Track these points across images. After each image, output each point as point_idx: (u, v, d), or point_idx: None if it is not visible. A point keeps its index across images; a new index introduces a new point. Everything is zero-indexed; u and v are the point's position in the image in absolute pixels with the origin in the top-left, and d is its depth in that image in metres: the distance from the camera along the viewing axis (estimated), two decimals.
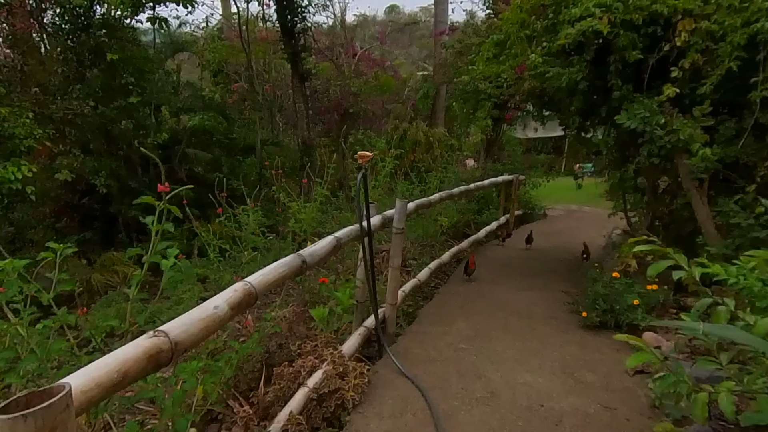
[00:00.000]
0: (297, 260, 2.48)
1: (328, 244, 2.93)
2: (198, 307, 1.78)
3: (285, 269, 2.35)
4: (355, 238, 3.43)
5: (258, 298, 2.09)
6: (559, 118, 7.18)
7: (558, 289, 5.71)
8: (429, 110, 16.01)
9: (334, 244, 2.99)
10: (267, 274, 2.19)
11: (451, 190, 6.40)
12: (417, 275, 5.40)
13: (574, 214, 11.53)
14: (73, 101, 7.92)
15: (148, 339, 1.48)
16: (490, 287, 5.78)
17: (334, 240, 3.03)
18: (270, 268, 2.27)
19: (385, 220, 4.01)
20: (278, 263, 2.36)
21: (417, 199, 6.09)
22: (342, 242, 3.14)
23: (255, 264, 4.71)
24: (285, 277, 2.35)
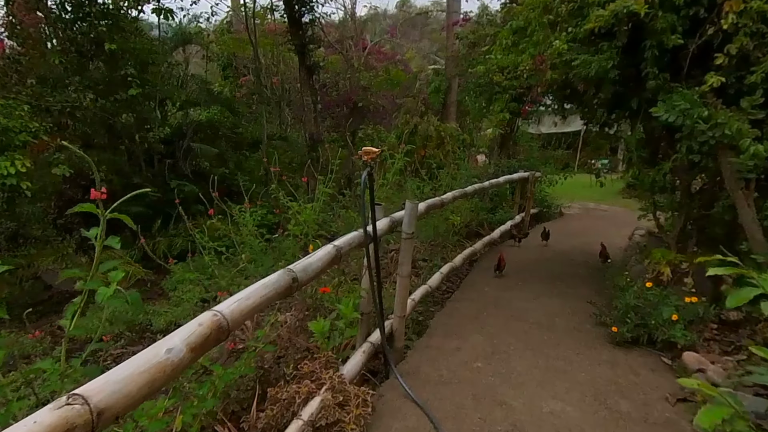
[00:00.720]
0: (285, 278, 2.04)
1: (326, 255, 2.49)
2: (143, 352, 1.35)
3: (270, 291, 1.91)
4: (359, 245, 2.98)
5: (233, 330, 1.66)
6: (580, 112, 6.66)
7: (580, 297, 5.22)
8: (440, 104, 15.47)
9: (332, 254, 2.55)
10: (245, 299, 1.75)
11: (465, 189, 5.93)
12: (428, 281, 4.94)
13: (592, 212, 10.98)
14: (71, 93, 7.55)
15: (55, 410, 1.04)
16: (506, 294, 5.31)
17: (333, 250, 2.58)
18: (250, 290, 1.83)
19: (393, 223, 3.57)
20: (261, 284, 1.92)
21: (428, 199, 5.65)
22: (342, 251, 2.70)
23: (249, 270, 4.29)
24: (270, 299, 1.92)
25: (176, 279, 6.53)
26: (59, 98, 7.39)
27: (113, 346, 5.70)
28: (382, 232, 3.36)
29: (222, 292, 4.58)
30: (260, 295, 1.84)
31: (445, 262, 6.62)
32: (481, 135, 16.70)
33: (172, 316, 6.20)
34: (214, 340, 1.54)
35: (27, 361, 5.29)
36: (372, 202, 3.09)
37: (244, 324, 3.69)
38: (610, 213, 10.99)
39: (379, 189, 4.37)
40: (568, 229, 8.96)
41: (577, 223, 9.51)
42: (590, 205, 11.89)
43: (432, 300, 5.21)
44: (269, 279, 1.97)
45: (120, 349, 5.60)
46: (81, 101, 7.46)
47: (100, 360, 5.49)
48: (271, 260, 4.49)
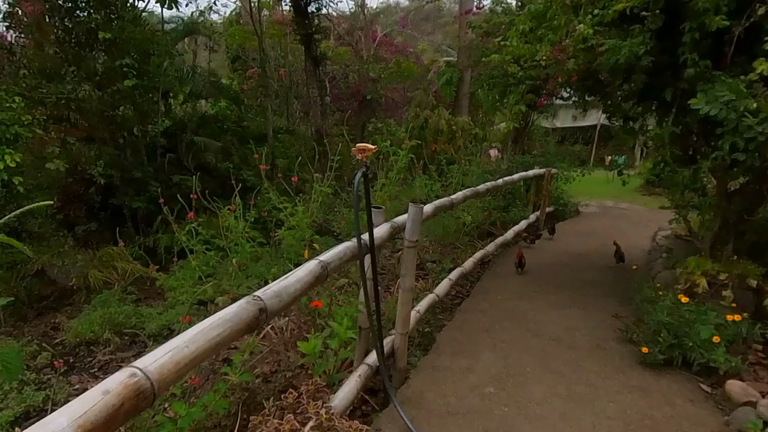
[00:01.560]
0: (249, 310, 1.60)
1: (307, 274, 2.05)
2: None
3: (224, 330, 1.47)
4: (351, 257, 2.53)
5: (161, 394, 1.22)
6: (602, 105, 6.12)
7: (602, 308, 4.73)
8: (452, 97, 14.91)
9: (316, 273, 2.11)
10: (183, 347, 1.31)
11: (477, 188, 5.44)
12: (435, 289, 4.49)
13: (611, 211, 10.40)
14: (67, 85, 7.18)
15: None
16: (520, 303, 4.83)
17: (317, 267, 2.14)
18: (193, 332, 1.39)
19: (394, 230, 3.11)
20: (214, 320, 1.48)
21: (437, 198, 5.19)
22: (330, 268, 2.25)
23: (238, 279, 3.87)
24: (224, 342, 1.48)
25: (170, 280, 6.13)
26: (54, 90, 7.02)
27: (102, 351, 5.36)
28: (380, 240, 2.92)
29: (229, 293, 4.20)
30: (208, 338, 1.40)
31: (455, 265, 6.18)
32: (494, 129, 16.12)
33: (166, 319, 5.84)
34: (129, 412, 1.11)
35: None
36: (368, 206, 2.64)
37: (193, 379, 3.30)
38: (630, 212, 10.39)
39: (380, 189, 3.92)
40: (586, 229, 8.43)
41: (595, 223, 8.96)
42: (608, 203, 11.29)
43: (441, 306, 4.76)
44: (225, 313, 1.53)
45: (108, 356, 5.26)
46: (77, 93, 7.09)
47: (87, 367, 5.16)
48: (263, 267, 4.08)
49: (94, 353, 5.45)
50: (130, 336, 5.82)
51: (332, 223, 6.38)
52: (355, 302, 3.32)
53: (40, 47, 7.92)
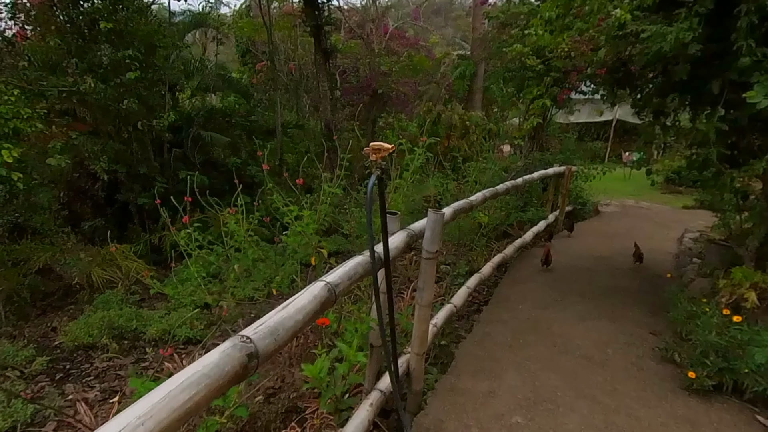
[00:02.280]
0: (233, 358, 1.24)
1: (312, 300, 1.68)
2: None
3: (201, 389, 1.11)
4: (364, 274, 2.17)
5: None
6: (631, 99, 5.67)
7: (634, 319, 4.33)
8: (465, 92, 14.44)
9: (322, 298, 1.74)
10: (137, 426, 0.95)
11: (496, 188, 5.03)
12: (452, 299, 4.11)
13: (632, 210, 9.91)
14: (69, 77, 6.87)
15: None
16: (545, 313, 4.43)
17: (323, 290, 1.77)
18: (155, 398, 1.03)
19: (411, 238, 2.74)
20: (186, 376, 1.12)
21: (451, 199, 4.81)
22: (339, 290, 1.89)
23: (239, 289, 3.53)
24: (201, 403, 1.12)
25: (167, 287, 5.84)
26: (56, 82, 6.71)
27: (100, 357, 5.07)
28: (396, 252, 2.55)
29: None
30: (175, 406, 1.04)
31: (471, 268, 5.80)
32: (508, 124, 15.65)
33: (167, 324, 5.54)
34: None
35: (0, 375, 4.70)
36: (383, 214, 2.27)
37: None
38: (652, 211, 9.89)
39: (394, 190, 3.54)
40: (607, 230, 7.98)
41: (616, 223, 8.49)
42: (628, 202, 10.79)
43: (457, 315, 4.39)
44: (202, 365, 1.17)
45: (106, 362, 4.96)
46: (79, 85, 6.77)
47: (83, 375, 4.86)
48: (269, 269, 3.73)
49: (92, 359, 5.16)
50: (130, 340, 5.53)
51: (342, 224, 6.02)
52: (366, 312, 2.96)
53: (43, 39, 7.61)
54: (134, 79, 7.18)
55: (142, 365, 4.89)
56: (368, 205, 2.09)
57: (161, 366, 4.85)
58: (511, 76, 9.42)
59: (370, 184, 2.08)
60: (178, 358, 4.27)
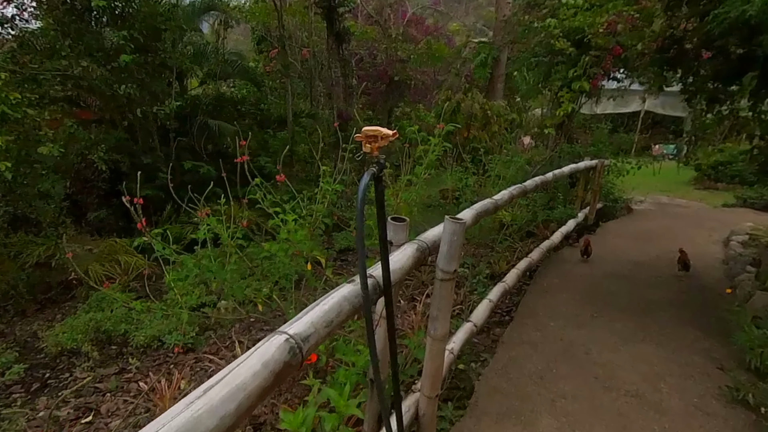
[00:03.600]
0: None
1: (254, 378, 1.04)
2: None
3: None
4: (351, 313, 1.52)
5: None
6: (682, 84, 4.88)
7: (685, 342, 3.61)
8: (486, 80, 13.60)
9: (275, 367, 1.10)
10: None
11: (524, 184, 4.33)
12: (472, 315, 3.44)
13: (667, 208, 9.03)
14: (62, 60, 6.35)
15: None
16: (579, 334, 3.74)
17: (279, 353, 1.13)
18: None
19: (422, 253, 2.09)
20: None
21: (473, 198, 4.15)
22: (308, 348, 1.24)
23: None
24: None
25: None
26: (49, 66, 6.19)
27: (81, 366, 4.55)
28: (401, 272, 1.90)
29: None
30: None
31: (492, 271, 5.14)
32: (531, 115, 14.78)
33: (157, 329, 5.01)
34: None
35: None
36: (381, 222, 1.62)
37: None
38: (690, 209, 9.00)
39: (401, 190, 2.87)
40: (642, 231, 7.17)
41: (652, 223, 7.67)
42: (662, 199, 9.90)
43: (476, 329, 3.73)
44: None
45: (87, 372, 4.44)
46: (73, 69, 6.24)
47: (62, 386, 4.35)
48: (241, 293, 3.11)
49: (74, 366, 4.66)
50: (119, 345, 5.02)
51: (350, 222, 5.40)
52: (345, 387, 2.32)
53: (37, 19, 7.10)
54: (133, 63, 6.62)
55: (125, 377, 4.36)
56: (359, 213, 1.43)
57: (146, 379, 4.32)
58: (536, 62, 8.61)
59: (362, 184, 1.42)
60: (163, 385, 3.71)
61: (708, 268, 5.47)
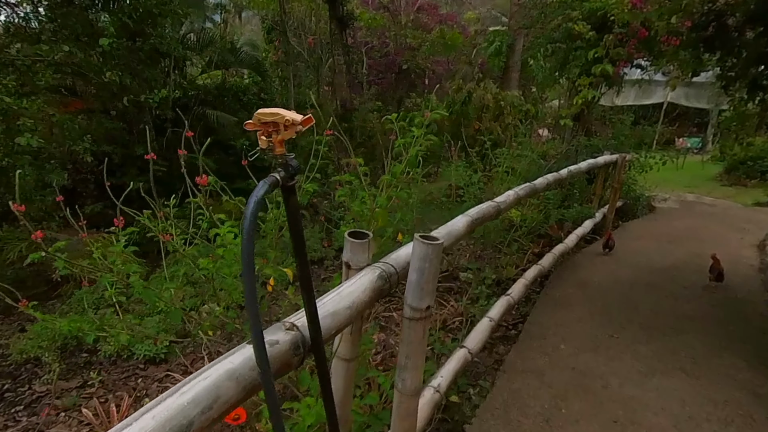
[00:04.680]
0: None
1: None
2: None
3: None
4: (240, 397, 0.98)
5: None
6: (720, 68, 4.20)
7: (724, 372, 3.01)
8: (500, 69, 12.87)
9: None
10: None
11: (533, 182, 3.73)
12: (467, 340, 2.88)
13: (694, 207, 8.27)
14: (42, 46, 5.91)
15: None
16: (595, 361, 3.15)
17: None
18: None
19: (385, 281, 1.53)
20: None
21: (478, 196, 3.61)
22: None
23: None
24: None
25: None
26: (28, 51, 5.76)
27: (41, 379, 4.13)
28: (349, 312, 1.36)
29: None
30: None
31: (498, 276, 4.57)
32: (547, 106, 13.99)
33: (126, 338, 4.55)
34: None
35: None
36: (299, 250, 1.06)
37: None
38: (718, 208, 8.22)
39: (382, 193, 2.29)
40: (667, 232, 6.48)
41: (677, 223, 6.96)
42: (688, 197, 9.11)
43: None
44: None
45: (47, 386, 4.02)
46: (53, 55, 5.80)
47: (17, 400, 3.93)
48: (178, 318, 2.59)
49: (37, 377, 4.23)
50: (89, 353, 4.60)
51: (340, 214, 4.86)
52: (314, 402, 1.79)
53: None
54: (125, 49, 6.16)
55: (87, 391, 3.92)
56: (245, 244, 0.88)
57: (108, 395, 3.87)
58: (553, 48, 7.92)
59: (251, 203, 0.88)
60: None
61: (742, 277, 4.80)
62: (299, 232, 1.03)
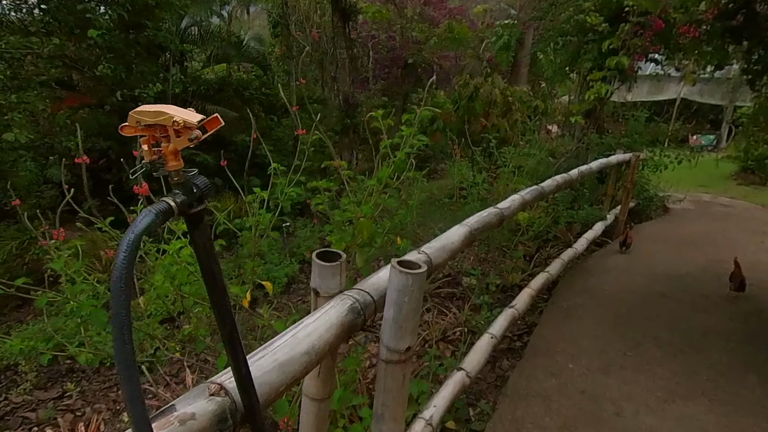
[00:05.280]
0: None
1: None
2: None
3: None
4: None
5: None
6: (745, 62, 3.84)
7: (750, 393, 2.70)
8: (509, 64, 12.47)
9: None
10: None
11: (541, 185, 3.42)
12: (464, 361, 2.58)
13: (711, 208, 7.87)
14: (32, 38, 5.68)
15: None
16: (606, 382, 2.84)
17: None
18: None
19: (357, 315, 1.25)
20: None
21: (475, 208, 3.33)
22: None
23: None
24: None
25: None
26: (16, 43, 5.53)
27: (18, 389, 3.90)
28: (307, 358, 1.08)
29: None
30: None
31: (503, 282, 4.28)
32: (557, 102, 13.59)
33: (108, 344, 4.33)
34: None
35: None
36: (220, 305, 0.78)
37: None
38: (736, 210, 7.81)
39: (368, 200, 1.97)
40: (682, 235, 6.12)
41: (693, 226, 6.58)
42: (703, 197, 8.71)
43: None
44: None
45: (23, 396, 3.80)
46: (42, 47, 5.57)
47: None
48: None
49: (16, 385, 4.02)
50: (72, 360, 4.36)
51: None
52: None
53: None
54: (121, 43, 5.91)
55: (64, 402, 3.70)
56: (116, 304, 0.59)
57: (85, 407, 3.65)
58: (564, 42, 7.55)
59: (124, 243, 0.59)
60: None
61: (765, 285, 4.45)
62: (214, 275, 0.75)
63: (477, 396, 2.95)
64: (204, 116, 0.65)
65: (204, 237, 0.72)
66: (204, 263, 0.74)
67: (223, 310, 0.78)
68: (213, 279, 0.75)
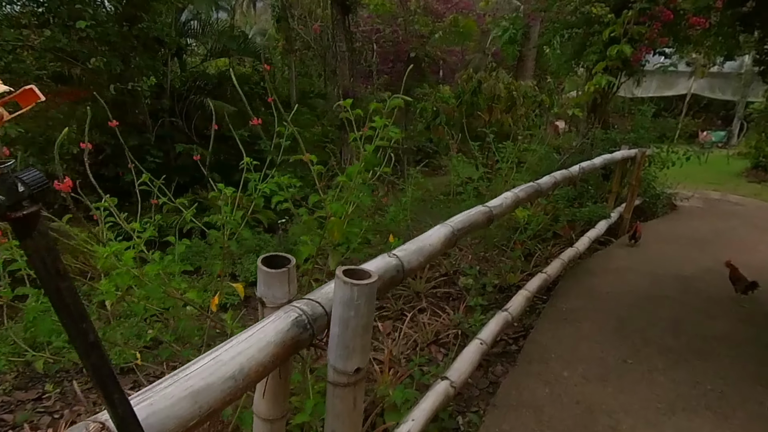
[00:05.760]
0: None
1: None
2: None
3: None
4: None
5: None
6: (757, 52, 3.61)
7: (758, 406, 2.51)
8: (515, 58, 12.21)
9: None
10: None
11: (537, 182, 3.23)
12: (449, 370, 2.41)
13: (719, 206, 7.60)
14: (23, 30, 5.57)
15: None
16: (603, 392, 2.65)
17: None
18: None
19: (303, 330, 1.08)
20: None
21: (478, 196, 3.21)
22: None
23: None
24: None
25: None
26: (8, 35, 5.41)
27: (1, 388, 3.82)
28: (231, 388, 0.91)
29: None
30: None
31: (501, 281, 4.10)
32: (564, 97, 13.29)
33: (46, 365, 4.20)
34: None
35: None
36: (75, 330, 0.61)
37: None
38: (746, 208, 7.53)
39: (335, 197, 1.81)
40: (690, 235, 5.88)
41: (701, 224, 6.34)
42: (712, 195, 8.42)
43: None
44: None
45: (4, 396, 3.70)
46: (33, 40, 5.45)
47: None
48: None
49: None
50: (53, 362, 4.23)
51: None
52: None
53: None
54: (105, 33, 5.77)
55: (43, 404, 3.59)
56: None
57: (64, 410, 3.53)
58: (569, 34, 7.31)
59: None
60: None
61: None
62: (61, 296, 0.58)
63: (467, 404, 2.78)
64: (11, 88, 0.48)
65: (41, 248, 0.56)
66: (45, 281, 0.57)
67: (82, 339, 0.62)
68: (60, 300, 0.58)
